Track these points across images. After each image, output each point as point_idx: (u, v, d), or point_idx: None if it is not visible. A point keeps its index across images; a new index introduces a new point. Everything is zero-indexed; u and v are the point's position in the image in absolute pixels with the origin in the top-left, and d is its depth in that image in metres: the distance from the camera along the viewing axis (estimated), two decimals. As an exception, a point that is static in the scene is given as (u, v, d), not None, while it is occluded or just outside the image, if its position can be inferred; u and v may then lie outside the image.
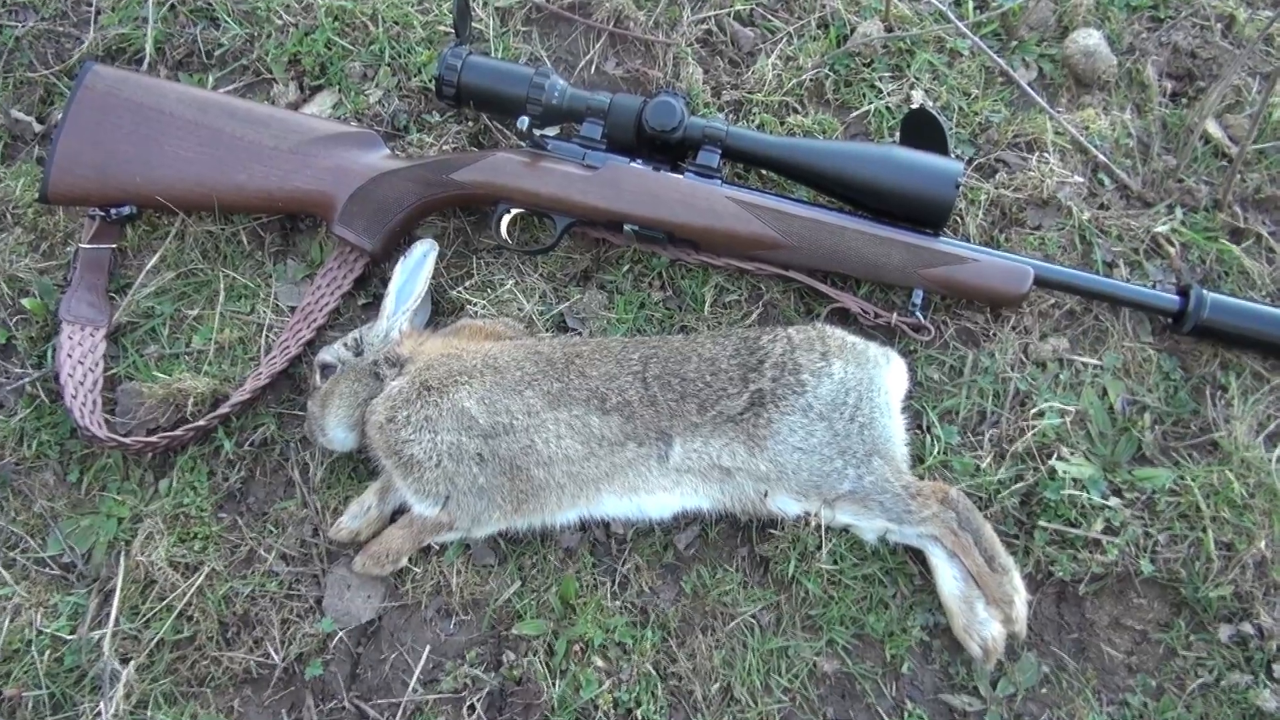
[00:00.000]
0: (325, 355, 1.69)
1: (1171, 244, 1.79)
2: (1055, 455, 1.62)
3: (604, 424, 1.55)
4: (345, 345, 1.70)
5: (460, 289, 1.82)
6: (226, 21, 2.03)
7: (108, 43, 2.05)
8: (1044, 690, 1.53)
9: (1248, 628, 1.51)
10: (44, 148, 1.97)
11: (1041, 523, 1.58)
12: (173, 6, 2.06)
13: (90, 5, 2.09)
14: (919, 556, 1.58)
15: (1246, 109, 1.90)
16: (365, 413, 1.61)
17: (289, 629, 1.61)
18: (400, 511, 1.65)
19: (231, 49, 2.03)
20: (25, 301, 1.83)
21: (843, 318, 1.76)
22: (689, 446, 1.56)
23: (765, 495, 1.53)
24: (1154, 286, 1.75)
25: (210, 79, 2.02)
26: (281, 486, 1.73)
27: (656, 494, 1.57)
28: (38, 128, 2.02)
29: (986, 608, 1.49)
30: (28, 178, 1.94)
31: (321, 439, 1.67)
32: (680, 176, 1.76)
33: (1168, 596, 1.56)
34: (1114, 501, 1.59)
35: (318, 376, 1.68)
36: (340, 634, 1.60)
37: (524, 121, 1.73)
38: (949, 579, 1.52)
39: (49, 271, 1.88)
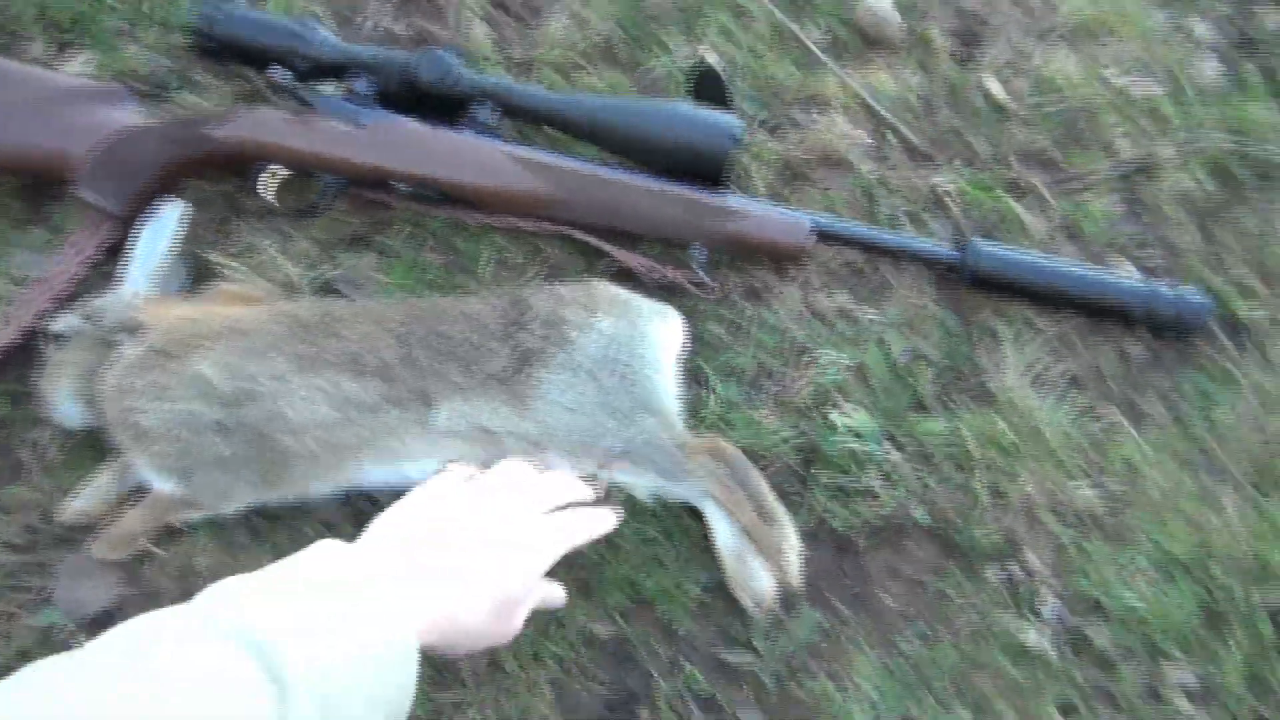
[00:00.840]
0: (57, 324, 1.55)
1: (953, 200, 1.80)
2: (834, 408, 1.59)
3: (360, 388, 1.45)
4: (79, 314, 1.55)
5: (219, 253, 1.69)
6: (-28, -26, 1.87)
7: None
8: (823, 644, 1.49)
9: (1015, 568, 1.51)
10: None
11: (821, 476, 1.55)
12: (-88, -41, 1.88)
13: None
14: (697, 515, 1.53)
15: (1025, 68, 1.93)
16: (94, 384, 1.47)
17: (12, 623, 1.46)
18: (139, 493, 1.51)
19: (-19, 4, 1.86)
20: None
21: (627, 277, 1.70)
22: (452, 408, 1.47)
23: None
24: (935, 240, 1.75)
25: (-45, 36, 1.85)
26: (8, 470, 1.57)
27: (419, 460, 1.48)
28: None
29: (760, 562, 1.45)
30: None
31: (53, 414, 1.52)
32: (455, 133, 1.69)
33: (940, 542, 1.54)
34: (892, 453, 1.57)
35: (49, 348, 1.54)
36: (70, 624, 1.45)
37: (280, 73, 1.63)
38: (723, 534, 1.47)
39: None
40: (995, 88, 1.92)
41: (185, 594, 1.47)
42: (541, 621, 1.49)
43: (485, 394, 1.48)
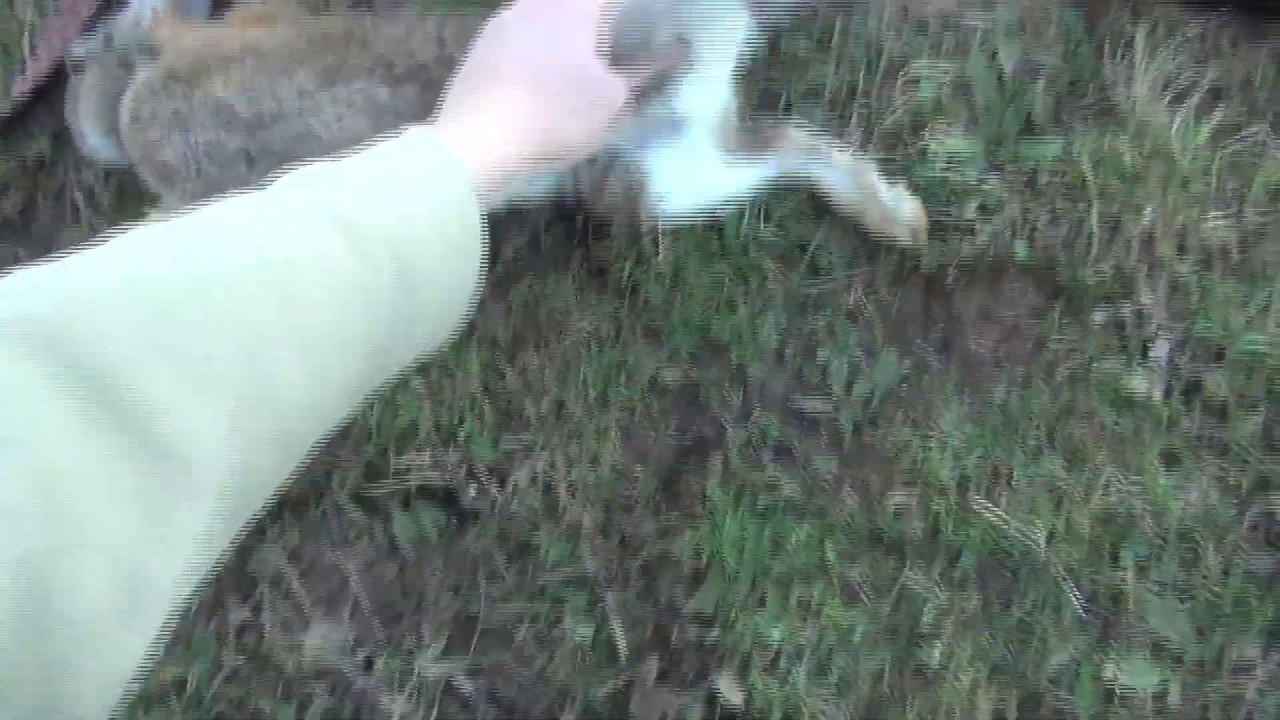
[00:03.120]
0: (76, 49, 1.44)
1: None
2: (930, 131, 1.40)
3: (394, 96, 1.30)
4: (95, 38, 1.43)
5: (244, -29, 1.53)
6: None
7: None
8: (904, 391, 1.40)
9: (1125, 311, 1.36)
10: None
11: (909, 208, 1.39)
12: None
13: None
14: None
15: None
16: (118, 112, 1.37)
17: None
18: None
19: None
20: None
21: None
22: None
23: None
24: (1062, -78, 1.47)
25: None
26: (67, 213, 1.53)
27: None
28: None
29: (889, 185, 1.35)
30: None
31: (84, 148, 1.44)
32: None
33: (1043, 283, 1.39)
34: (992, 180, 1.39)
35: (74, 75, 1.43)
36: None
37: None
38: (843, 167, 1.36)
39: None
40: None
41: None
42: (607, 366, 1.43)
43: None
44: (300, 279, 0.72)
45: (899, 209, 1.35)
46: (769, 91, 1.45)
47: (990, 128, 1.42)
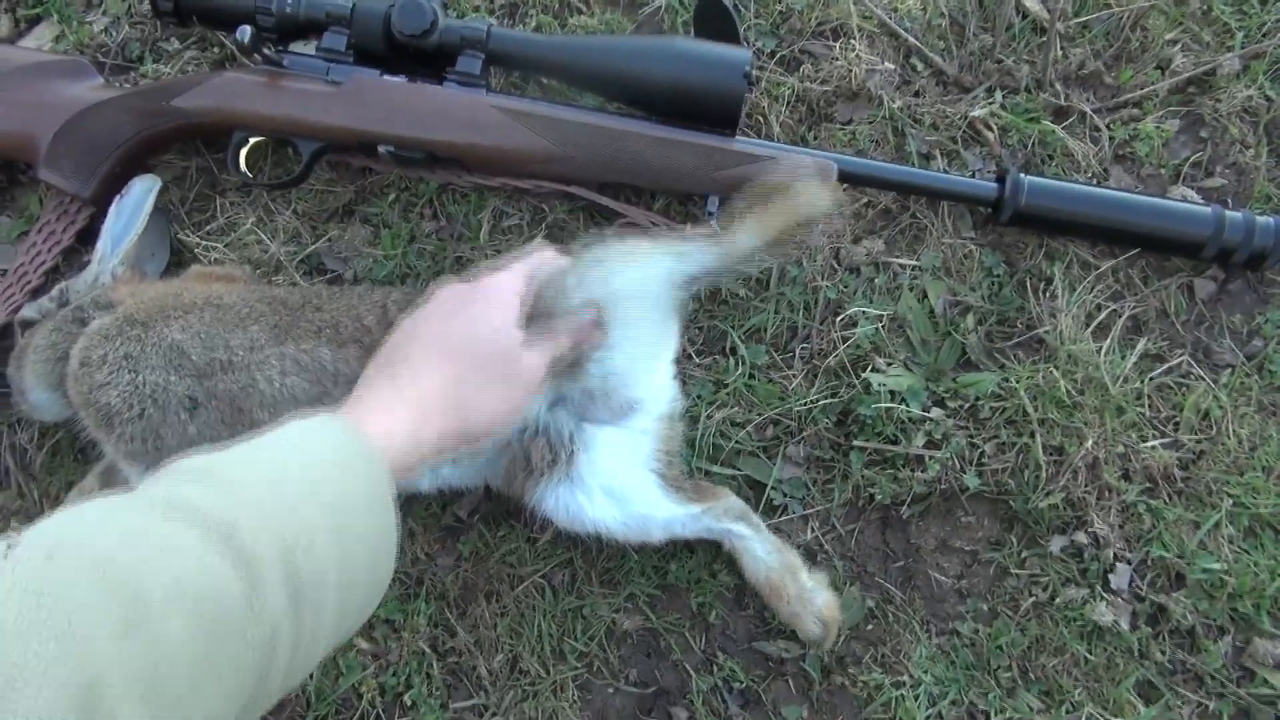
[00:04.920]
0: (27, 310, 1.44)
1: (990, 129, 1.63)
2: (871, 367, 1.45)
3: (338, 357, 1.31)
4: (50, 298, 1.44)
5: (199, 234, 1.57)
6: (-80, -52, 1.74)
7: None
8: (869, 627, 1.36)
9: (1081, 537, 1.36)
10: None
11: (858, 443, 1.42)
12: None
13: None
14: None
15: (1065, -20, 1.74)
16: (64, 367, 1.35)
17: None
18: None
19: (-72, -21, 1.74)
20: None
21: (637, 235, 1.56)
22: None
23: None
24: (973, 175, 1.59)
25: (-94, 16, 1.72)
26: (-3, 477, 1.47)
27: None
28: None
29: (809, 575, 1.31)
30: None
31: (24, 405, 1.41)
32: (439, 87, 1.54)
33: (997, 512, 1.40)
34: (935, 413, 1.43)
35: (19, 336, 1.42)
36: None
37: (244, 32, 1.48)
38: (762, 550, 1.31)
39: None
40: (1031, 3, 1.73)
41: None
42: (563, 615, 1.38)
43: None
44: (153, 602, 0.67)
45: (815, 597, 1.31)
46: (713, 331, 1.50)
47: (928, 362, 1.47)
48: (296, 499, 0.80)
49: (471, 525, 1.42)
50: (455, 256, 1.57)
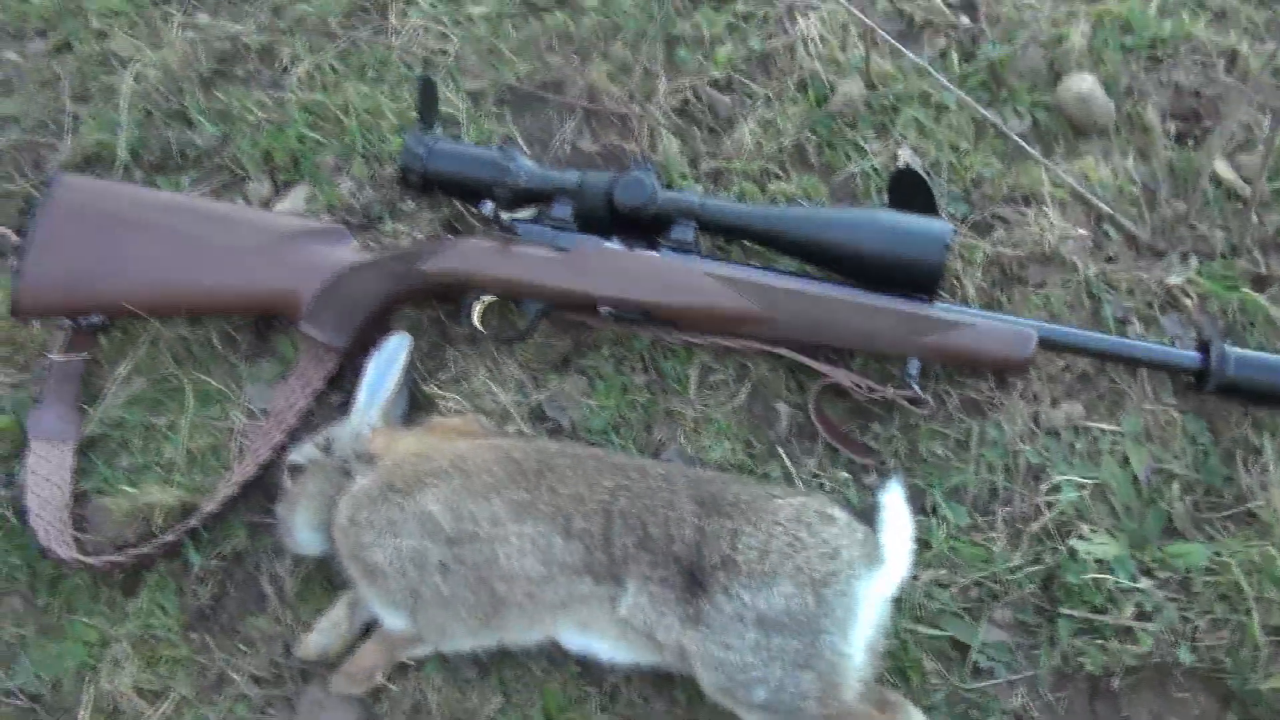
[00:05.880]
0: (295, 456, 1.61)
1: (1188, 296, 1.67)
2: (1075, 534, 1.48)
3: (567, 548, 1.43)
4: (315, 445, 1.62)
5: (433, 384, 1.74)
6: (200, 122, 2.01)
7: (85, 149, 2.04)
8: (1082, 803, 1.37)
9: (1305, 723, 1.35)
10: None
11: (1065, 610, 1.45)
12: (148, 111, 2.04)
13: (68, 114, 2.09)
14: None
15: (1258, 146, 1.78)
16: (332, 513, 1.52)
17: (259, 758, 1.51)
18: (373, 626, 1.55)
19: (206, 149, 2.00)
20: (-4, 418, 1.79)
21: (838, 394, 1.65)
22: (636, 600, 1.40)
23: None
24: (1172, 343, 1.62)
25: (185, 180, 1.99)
26: (253, 601, 1.64)
27: (606, 640, 1.45)
28: (15, 239, 1.99)
29: None
30: (2, 291, 1.91)
31: (290, 543, 1.58)
32: (656, 254, 1.68)
33: (1214, 689, 1.40)
34: (1144, 583, 1.45)
35: (287, 478, 1.60)
36: (312, 762, 1.49)
37: (488, 206, 1.67)
38: None
39: (21, 385, 1.84)
40: (1225, 170, 1.78)
41: (418, 732, 1.51)
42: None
43: (663, 598, 1.40)
44: None
45: None
46: (915, 489, 1.56)
47: (1131, 530, 1.50)
48: None
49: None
50: (665, 409, 1.69)
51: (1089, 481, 1.52)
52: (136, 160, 2.02)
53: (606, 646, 1.45)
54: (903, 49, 1.82)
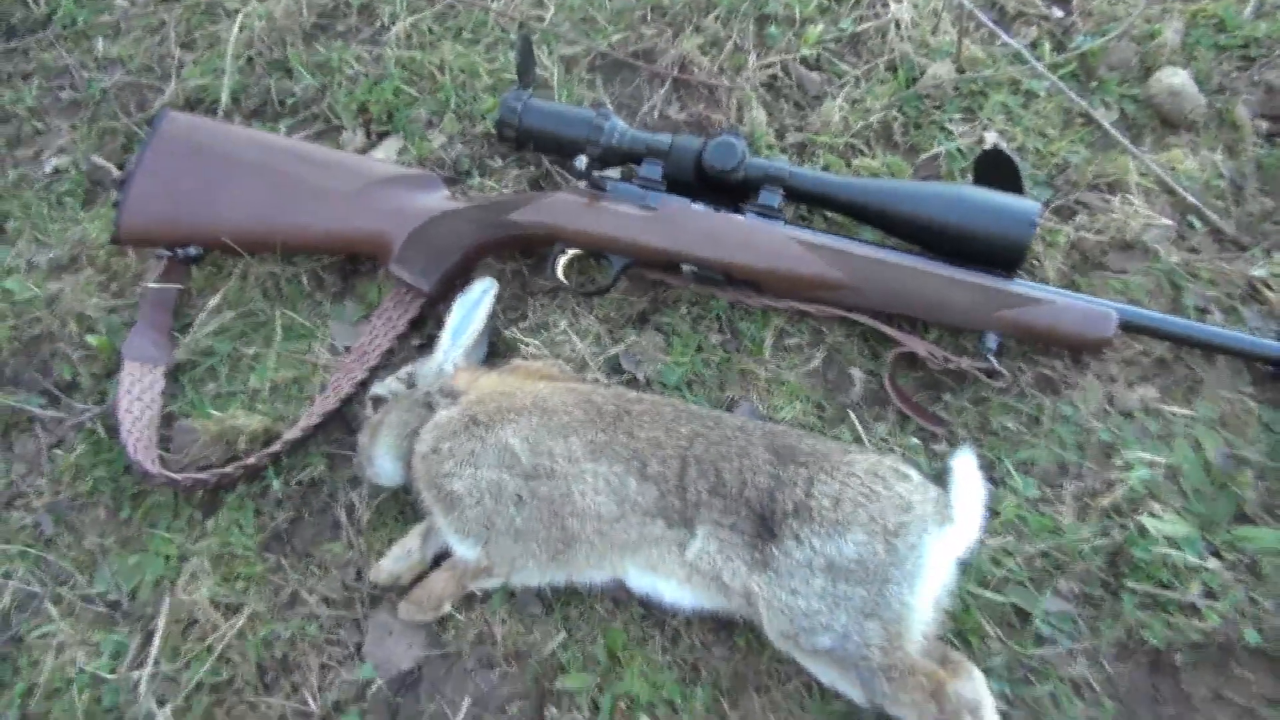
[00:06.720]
0: (378, 388, 1.67)
1: (1270, 289, 1.67)
2: (1145, 511, 1.49)
3: (640, 490, 1.46)
4: (398, 378, 1.67)
5: (515, 329, 1.78)
6: (300, 71, 2.08)
7: (188, 93, 2.12)
8: (1138, 775, 1.38)
9: (1372, 709, 1.35)
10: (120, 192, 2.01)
11: (1130, 584, 1.45)
12: (250, 59, 2.12)
13: (173, 59, 2.17)
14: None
15: (1349, 148, 1.78)
16: (412, 443, 1.56)
17: (328, 675, 1.55)
18: (443, 557, 1.59)
19: (303, 98, 2.07)
20: (91, 338, 1.86)
21: (912, 363, 1.67)
22: (705, 545, 1.43)
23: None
24: (1251, 333, 1.63)
25: (282, 127, 2.06)
26: (328, 528, 1.69)
27: (672, 582, 1.47)
28: (116, 173, 2.07)
29: None
30: (103, 220, 1.99)
31: (369, 470, 1.63)
32: (741, 217, 1.71)
33: (1277, 670, 1.40)
34: (1212, 563, 1.45)
35: (369, 409, 1.65)
36: (380, 683, 1.53)
37: (581, 161, 1.71)
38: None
39: (117, 310, 1.91)
40: (1314, 169, 1.78)
41: (482, 660, 1.55)
42: (828, 715, 1.45)
43: (733, 542, 1.42)
44: None
45: None
46: (985, 460, 1.57)
47: (1200, 512, 1.50)
48: None
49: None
50: (739, 369, 1.72)
51: (1160, 462, 1.52)
52: (236, 105, 2.09)
53: (672, 588, 1.48)
54: (1001, 32, 1.84)
